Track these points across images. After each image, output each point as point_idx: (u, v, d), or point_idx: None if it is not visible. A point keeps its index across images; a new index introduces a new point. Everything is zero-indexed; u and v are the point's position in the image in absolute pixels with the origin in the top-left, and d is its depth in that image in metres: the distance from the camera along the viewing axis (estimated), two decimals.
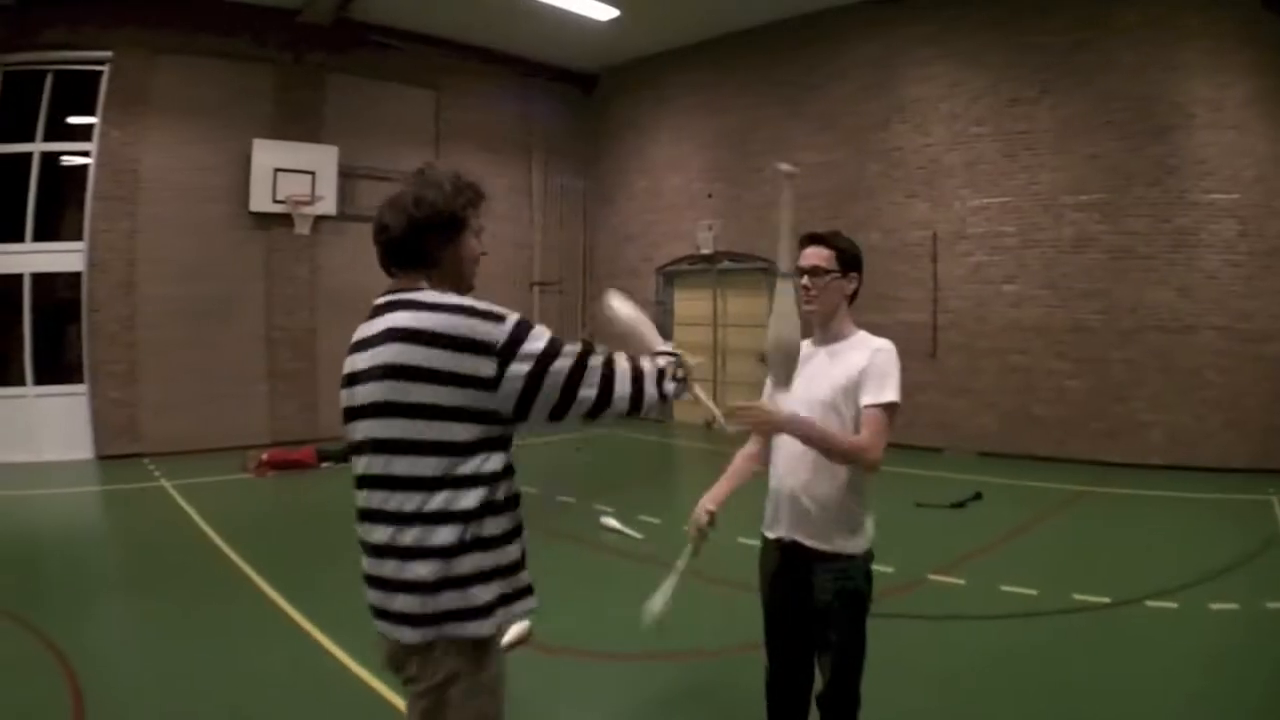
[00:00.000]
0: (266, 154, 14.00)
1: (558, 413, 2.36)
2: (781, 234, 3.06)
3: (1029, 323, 12.05)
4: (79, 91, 13.04)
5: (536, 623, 5.41)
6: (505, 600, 2.43)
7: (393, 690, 4.74)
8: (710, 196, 15.81)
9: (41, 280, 12.85)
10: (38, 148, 12.85)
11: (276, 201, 14.03)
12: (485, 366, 2.27)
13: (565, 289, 18.08)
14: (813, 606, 3.35)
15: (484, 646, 2.42)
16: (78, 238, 12.90)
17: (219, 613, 6.23)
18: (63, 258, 12.83)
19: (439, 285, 2.47)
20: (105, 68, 12.94)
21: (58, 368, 13.07)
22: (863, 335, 3.40)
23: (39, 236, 12.87)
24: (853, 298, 3.45)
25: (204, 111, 13.74)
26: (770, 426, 3.18)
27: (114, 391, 12.90)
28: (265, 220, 14.16)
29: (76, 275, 12.81)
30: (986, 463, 11.97)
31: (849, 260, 3.40)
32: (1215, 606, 5.88)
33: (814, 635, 3.37)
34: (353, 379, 2.41)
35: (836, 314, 3.41)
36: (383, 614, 2.40)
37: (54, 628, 5.78)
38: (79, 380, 12.78)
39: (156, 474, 11.72)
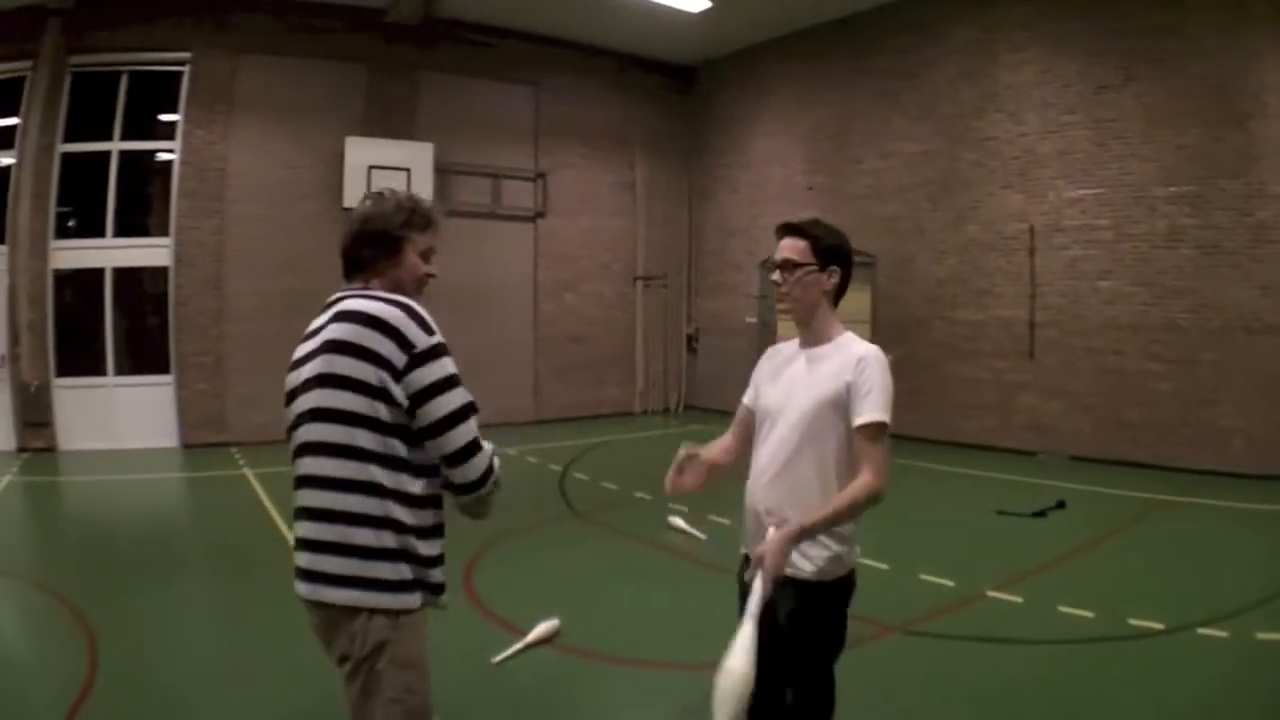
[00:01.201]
0: (359, 152, 15.12)
1: (428, 433, 2.68)
2: None
3: (1123, 321, 12.17)
4: (158, 91, 14.41)
5: (568, 622, 5.76)
6: (426, 586, 2.76)
7: None
8: (810, 189, 16.31)
9: (125, 275, 14.30)
10: (116, 146, 14.26)
11: None
12: (399, 358, 2.62)
13: (669, 284, 18.83)
14: (777, 633, 3.23)
15: (409, 620, 2.73)
16: (164, 234, 14.26)
17: (264, 601, 6.52)
18: (148, 253, 14.23)
19: (381, 289, 2.85)
20: (185, 68, 14.26)
21: (142, 359, 14.46)
22: (847, 338, 3.23)
23: (120, 233, 14.30)
24: (838, 295, 3.29)
25: (292, 110, 14.98)
26: (775, 567, 2.91)
27: (201, 383, 14.20)
28: None
29: (163, 270, 14.17)
30: (1079, 468, 12.02)
31: (826, 251, 3.24)
32: (1261, 636, 5.82)
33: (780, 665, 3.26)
34: (299, 362, 2.81)
35: (816, 313, 3.26)
36: (312, 575, 2.72)
37: (93, 609, 6.45)
38: (165, 371, 14.17)
39: (241, 463, 12.80)
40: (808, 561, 3.10)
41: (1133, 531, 8.96)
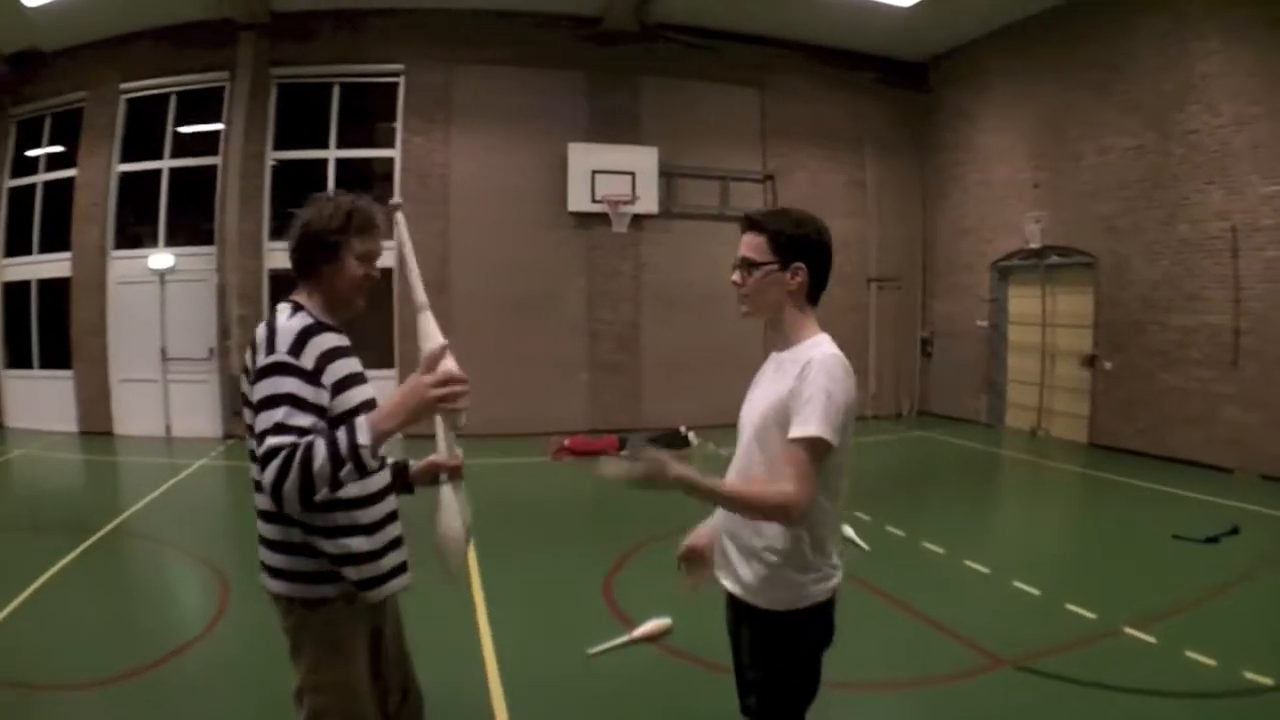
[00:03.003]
0: (583, 157, 17.46)
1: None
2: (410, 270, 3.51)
3: None
4: (371, 100, 17.31)
5: (685, 623, 5.67)
6: (340, 579, 3.22)
7: (495, 669, 6.06)
8: (1036, 187, 17.00)
9: None
10: (332, 154, 17.28)
11: (595, 201, 17.40)
12: (252, 372, 3.13)
13: (903, 285, 20.03)
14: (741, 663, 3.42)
15: (327, 610, 3.23)
16: (386, 237, 16.52)
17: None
18: None
19: (319, 297, 3.33)
20: (399, 79, 17.00)
21: (366, 355, 16.85)
22: (812, 342, 3.22)
23: None
24: (812, 292, 3.29)
25: (511, 117, 17.38)
26: (654, 476, 2.90)
27: (425, 377, 16.32)
28: (585, 220, 17.63)
29: (386, 271, 16.42)
30: (1267, 488, 12.18)
31: (788, 246, 3.21)
32: None
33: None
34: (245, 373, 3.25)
35: (782, 315, 3.28)
36: (261, 567, 3.30)
37: (236, 575, 7.92)
38: (389, 366, 16.26)
39: (457, 453, 14.58)
40: (769, 599, 3.18)
41: None
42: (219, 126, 17.02)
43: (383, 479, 3.42)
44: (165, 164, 17.40)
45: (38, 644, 6.68)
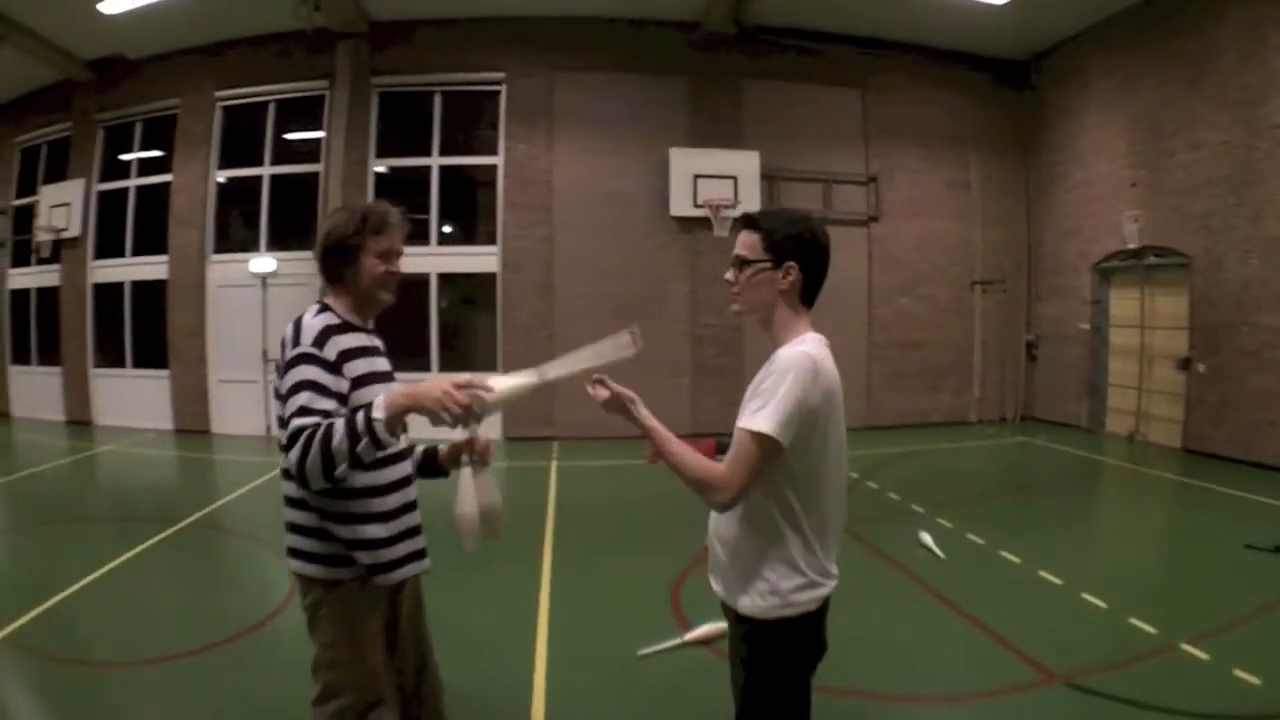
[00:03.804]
0: (684, 161, 18.47)
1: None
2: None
3: None
4: (473, 108, 18.64)
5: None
6: (354, 563, 3.61)
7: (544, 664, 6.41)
8: (1133, 185, 17.47)
9: (446, 280, 18.21)
10: (435, 161, 18.68)
11: (697, 206, 18.36)
12: (282, 365, 3.56)
13: (1009, 287, 20.57)
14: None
15: (344, 589, 3.63)
16: (489, 242, 18.23)
17: (480, 567, 7.76)
18: (474, 260, 18.14)
19: (346, 299, 3.77)
20: (501, 86, 18.30)
21: (465, 356, 18.13)
22: (797, 340, 3.28)
23: (441, 241, 18.24)
24: (807, 293, 3.37)
25: (613, 123, 18.59)
26: (612, 404, 3.40)
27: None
28: (688, 224, 18.60)
29: (492, 276, 18.05)
30: None
31: (781, 245, 3.28)
32: None
33: None
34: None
35: (773, 315, 3.34)
36: (287, 550, 3.70)
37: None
38: (492, 368, 15.84)
39: (553, 454, 15.85)
40: (750, 604, 3.27)
41: None
42: (320, 134, 18.41)
43: (400, 470, 3.77)
44: (265, 170, 19.04)
45: (100, 624, 7.46)
